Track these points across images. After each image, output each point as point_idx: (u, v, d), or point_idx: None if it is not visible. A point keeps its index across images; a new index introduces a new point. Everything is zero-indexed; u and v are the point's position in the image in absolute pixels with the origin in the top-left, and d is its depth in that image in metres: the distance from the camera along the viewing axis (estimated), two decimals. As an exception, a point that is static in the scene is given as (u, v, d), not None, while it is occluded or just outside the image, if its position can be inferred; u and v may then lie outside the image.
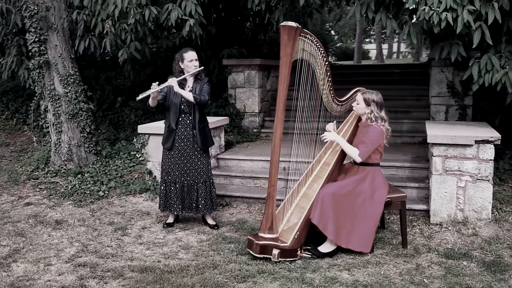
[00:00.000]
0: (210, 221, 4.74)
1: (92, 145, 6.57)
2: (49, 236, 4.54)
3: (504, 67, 4.54)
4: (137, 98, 4.38)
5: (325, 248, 3.94)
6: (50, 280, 3.61)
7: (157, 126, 5.57)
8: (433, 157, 4.49)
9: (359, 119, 4.24)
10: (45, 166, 6.52)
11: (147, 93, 4.33)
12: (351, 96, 4.33)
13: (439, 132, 4.56)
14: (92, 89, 7.76)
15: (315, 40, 3.91)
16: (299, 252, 3.90)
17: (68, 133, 6.42)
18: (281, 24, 3.74)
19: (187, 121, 4.55)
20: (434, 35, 5.09)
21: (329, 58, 4.16)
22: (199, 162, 4.60)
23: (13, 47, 7.40)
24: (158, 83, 4.38)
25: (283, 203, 4.18)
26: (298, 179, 4.29)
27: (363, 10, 4.88)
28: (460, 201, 4.46)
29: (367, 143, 3.94)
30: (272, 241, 3.85)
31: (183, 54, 4.51)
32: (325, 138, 4.10)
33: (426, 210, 4.69)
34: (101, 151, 6.62)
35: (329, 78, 4.08)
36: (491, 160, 4.35)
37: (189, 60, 4.48)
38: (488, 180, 4.38)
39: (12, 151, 7.68)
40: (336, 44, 27.85)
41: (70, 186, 5.82)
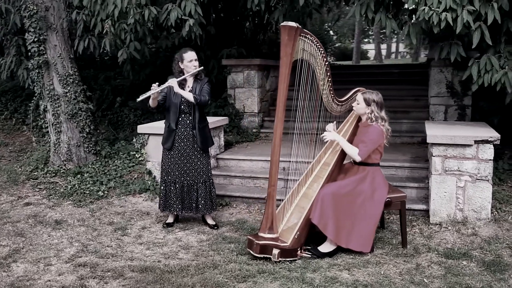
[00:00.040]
0: (210, 221, 4.75)
1: (92, 145, 6.57)
2: (49, 236, 4.54)
3: (504, 67, 4.55)
4: (138, 100, 4.37)
5: (325, 248, 3.94)
6: (50, 280, 3.61)
7: (157, 126, 5.57)
8: (433, 157, 4.49)
9: (359, 119, 4.24)
10: (45, 166, 6.51)
11: (148, 94, 4.33)
12: (351, 96, 4.34)
13: (439, 132, 4.57)
14: (91, 89, 7.75)
15: (315, 40, 3.91)
16: (299, 252, 3.90)
17: (68, 133, 6.41)
18: (282, 24, 3.74)
19: (187, 121, 4.55)
20: (434, 35, 5.10)
21: (328, 58, 4.15)
22: (199, 162, 4.60)
23: (12, 47, 7.41)
24: (158, 84, 4.38)
25: (283, 203, 4.18)
26: (298, 179, 4.29)
27: (363, 10, 4.88)
28: (460, 201, 4.47)
29: (367, 143, 3.94)
30: (272, 241, 3.85)
31: (183, 54, 4.50)
32: (325, 138, 4.10)
33: (426, 210, 4.70)
34: (101, 151, 6.61)
35: (329, 78, 4.08)
36: (491, 160, 4.36)
37: (189, 60, 4.48)
38: (488, 180, 4.39)
39: (11, 151, 7.67)
40: (335, 44, 27.83)
41: (70, 186, 5.81)
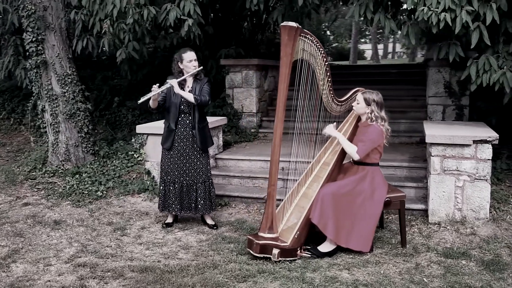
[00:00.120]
0: (209, 221, 4.75)
1: (90, 145, 6.55)
2: (48, 237, 4.53)
3: (502, 67, 4.57)
4: (139, 102, 4.37)
5: (325, 248, 3.95)
6: (50, 281, 3.60)
7: (156, 126, 5.57)
8: (432, 157, 4.51)
9: (359, 119, 4.25)
10: (43, 166, 6.49)
11: (149, 96, 4.32)
12: (351, 96, 4.35)
13: (437, 132, 4.59)
14: (89, 89, 7.74)
15: (315, 41, 3.92)
16: (299, 252, 3.91)
17: (66, 133, 6.39)
18: (282, 24, 3.75)
19: (187, 121, 4.55)
20: (432, 36, 5.11)
21: (328, 58, 4.17)
22: (198, 162, 4.60)
23: (10, 47, 7.40)
24: (159, 85, 4.38)
25: (283, 203, 4.19)
26: (298, 179, 4.29)
27: (362, 11, 4.90)
28: (458, 201, 4.49)
29: (366, 142, 3.95)
30: (272, 241, 3.86)
31: (182, 55, 4.50)
32: (325, 132, 4.15)
33: (425, 210, 4.72)
34: (99, 151, 6.60)
35: (329, 78, 4.09)
36: (489, 160, 4.38)
37: (188, 61, 4.47)
38: (486, 180, 4.41)
39: (9, 151, 7.65)
40: (332, 44, 27.91)
41: (68, 186, 5.80)
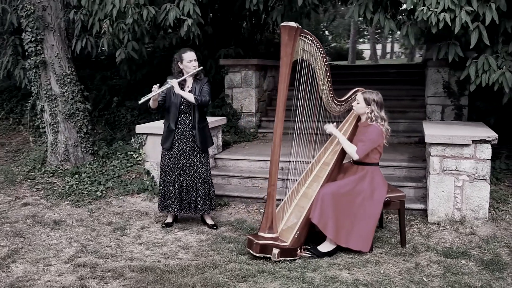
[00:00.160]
0: (209, 221, 4.75)
1: (89, 145, 6.55)
2: (48, 237, 4.53)
3: (501, 68, 4.58)
4: (139, 102, 4.37)
5: (325, 248, 3.95)
6: (50, 281, 3.60)
7: (155, 126, 5.57)
8: (431, 157, 4.52)
9: (359, 119, 4.26)
10: (42, 166, 6.49)
11: (149, 96, 4.32)
12: (351, 96, 4.35)
13: (437, 132, 4.59)
14: (88, 89, 7.72)
15: (315, 41, 3.92)
16: (299, 252, 3.91)
17: (65, 133, 6.39)
18: (282, 24, 3.75)
19: (187, 121, 4.54)
20: (432, 36, 5.12)
21: (327, 58, 4.17)
22: (198, 162, 4.60)
23: (9, 47, 7.38)
24: (159, 86, 4.38)
25: (283, 203, 4.19)
26: (298, 179, 4.30)
27: (362, 11, 4.90)
28: (458, 200, 4.50)
29: (365, 141, 3.96)
30: (272, 241, 3.86)
31: (182, 55, 4.49)
32: (326, 129, 4.18)
33: (424, 210, 4.73)
34: (98, 151, 6.60)
35: (329, 78, 4.10)
36: (488, 160, 4.39)
37: (188, 61, 4.47)
38: (485, 180, 4.42)
39: (8, 151, 7.64)
40: (330, 44, 27.94)
41: (68, 187, 5.80)
